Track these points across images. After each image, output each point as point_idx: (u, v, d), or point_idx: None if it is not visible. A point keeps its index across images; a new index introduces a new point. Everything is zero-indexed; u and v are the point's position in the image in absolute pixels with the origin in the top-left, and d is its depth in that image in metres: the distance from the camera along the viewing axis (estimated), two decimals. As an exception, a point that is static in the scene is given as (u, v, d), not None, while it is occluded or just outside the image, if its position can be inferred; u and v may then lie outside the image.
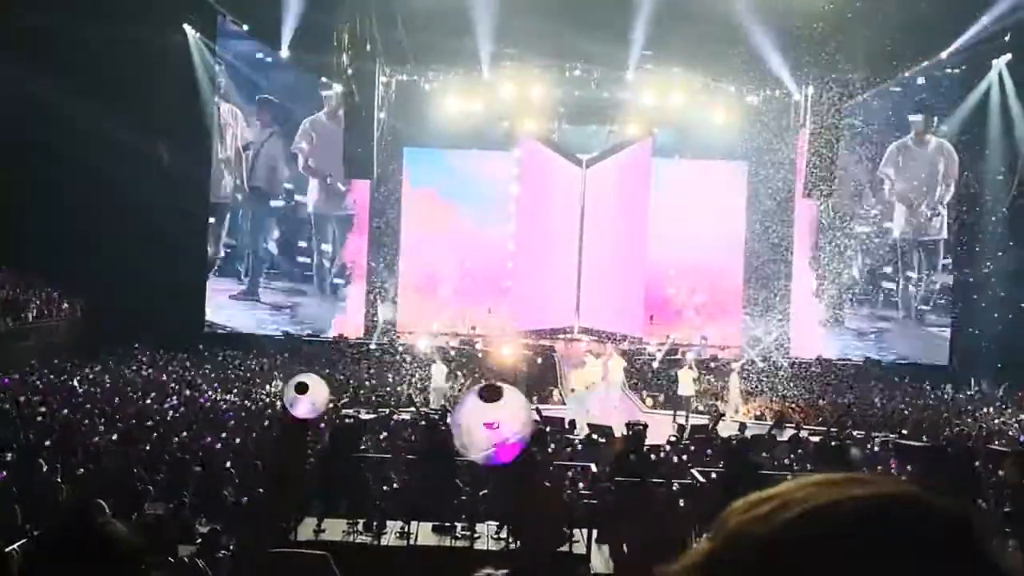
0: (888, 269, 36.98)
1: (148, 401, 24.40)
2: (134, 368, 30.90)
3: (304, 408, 4.48)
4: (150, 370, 30.64)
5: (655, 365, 32.78)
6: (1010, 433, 26.20)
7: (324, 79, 36.38)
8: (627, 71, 34.95)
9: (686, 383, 27.74)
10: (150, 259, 32.16)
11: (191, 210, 35.54)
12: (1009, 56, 34.73)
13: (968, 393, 33.14)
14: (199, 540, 11.63)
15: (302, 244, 37.79)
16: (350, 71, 34.81)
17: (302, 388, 4.46)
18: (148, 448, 17.62)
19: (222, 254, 37.47)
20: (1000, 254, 35.25)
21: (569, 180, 35.55)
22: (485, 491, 15.24)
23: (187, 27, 35.50)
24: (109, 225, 32.52)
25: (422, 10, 32.22)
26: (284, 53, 36.02)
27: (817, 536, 1.15)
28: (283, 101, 37.12)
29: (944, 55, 34.83)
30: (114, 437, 18.76)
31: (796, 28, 32.53)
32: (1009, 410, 30.23)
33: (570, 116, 36.77)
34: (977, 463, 17.81)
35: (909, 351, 36.81)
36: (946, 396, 32.71)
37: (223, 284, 37.40)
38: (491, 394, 3.65)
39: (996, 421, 28.43)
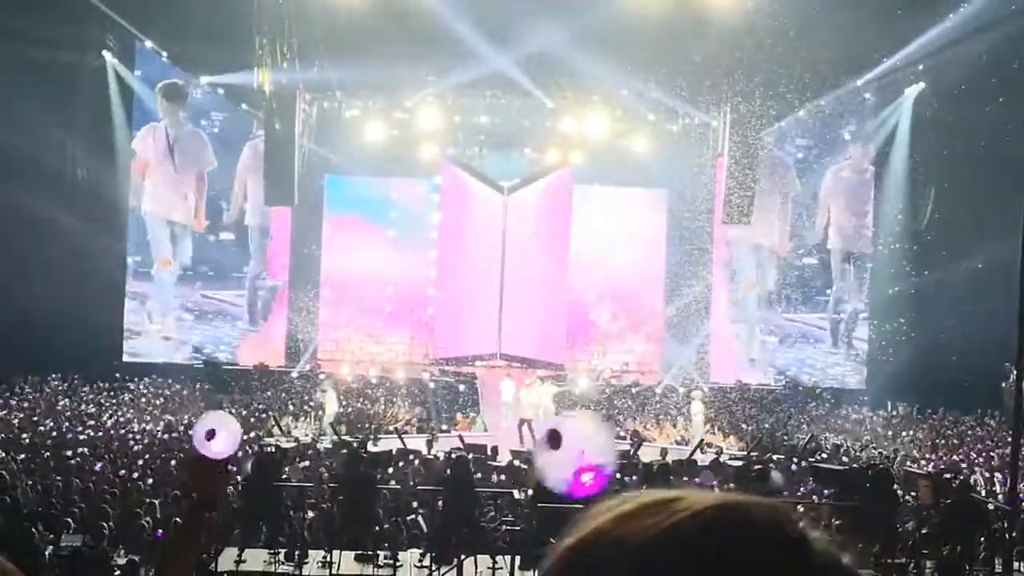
0: (804, 294, 37.35)
1: (64, 430, 24.02)
2: (49, 397, 30.30)
3: (216, 448, 4.25)
4: (66, 399, 30.08)
5: (576, 392, 33.03)
6: (926, 455, 26.62)
7: (245, 106, 36.11)
8: (547, 99, 35.02)
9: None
10: (66, 284, 31.61)
11: (108, 234, 34.92)
12: (922, 85, 35.33)
13: (885, 416, 33.52)
14: (117, 572, 11.47)
15: (221, 270, 37.31)
16: (271, 98, 34.57)
17: (211, 435, 4.24)
18: (65, 478, 17.33)
19: (138, 275, 36.88)
20: (924, 272, 35.56)
21: (490, 207, 35.52)
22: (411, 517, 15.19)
23: (105, 53, 35.06)
24: (24, 249, 32.05)
25: (342, 36, 32.09)
26: (205, 79, 35.75)
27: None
28: (205, 128, 36.74)
29: (860, 83, 35.37)
30: (31, 467, 18.46)
31: (712, 57, 32.79)
32: (923, 432, 30.63)
33: (491, 143, 36.80)
34: (895, 485, 18.03)
35: (827, 374, 37.21)
36: (863, 419, 33.08)
37: (141, 306, 36.89)
38: (553, 442, 3.22)
39: (911, 444, 28.85)
